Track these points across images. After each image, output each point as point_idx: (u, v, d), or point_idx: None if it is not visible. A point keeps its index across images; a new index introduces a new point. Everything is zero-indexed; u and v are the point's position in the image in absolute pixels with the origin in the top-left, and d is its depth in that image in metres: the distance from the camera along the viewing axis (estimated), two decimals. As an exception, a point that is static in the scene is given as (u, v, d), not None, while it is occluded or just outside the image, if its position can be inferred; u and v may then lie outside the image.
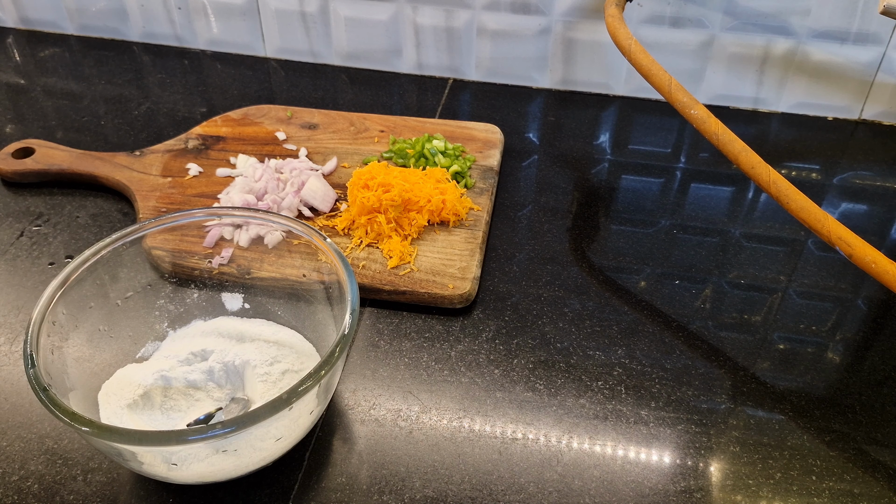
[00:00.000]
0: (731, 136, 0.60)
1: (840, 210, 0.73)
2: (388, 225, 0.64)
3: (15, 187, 0.74)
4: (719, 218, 0.71)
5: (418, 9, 0.87)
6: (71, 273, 0.49)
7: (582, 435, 0.52)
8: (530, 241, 0.68)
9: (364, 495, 0.48)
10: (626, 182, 0.77)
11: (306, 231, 0.53)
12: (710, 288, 0.64)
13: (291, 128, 0.80)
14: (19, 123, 0.84)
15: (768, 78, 0.84)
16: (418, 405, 0.54)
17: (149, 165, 0.74)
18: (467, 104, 0.89)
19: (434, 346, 0.58)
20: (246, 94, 0.90)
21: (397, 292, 0.61)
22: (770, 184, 0.58)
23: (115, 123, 0.85)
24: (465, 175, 0.72)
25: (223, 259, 0.59)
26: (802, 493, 0.49)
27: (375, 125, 0.80)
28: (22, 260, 0.66)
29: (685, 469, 0.50)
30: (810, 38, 0.81)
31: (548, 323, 0.60)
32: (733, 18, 0.81)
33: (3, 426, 0.52)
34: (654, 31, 0.83)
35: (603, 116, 0.86)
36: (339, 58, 0.95)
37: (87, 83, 0.92)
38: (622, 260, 0.66)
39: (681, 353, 0.58)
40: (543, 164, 0.79)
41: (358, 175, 0.67)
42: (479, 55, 0.90)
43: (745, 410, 0.54)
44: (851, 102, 0.84)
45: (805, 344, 0.59)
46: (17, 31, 1.02)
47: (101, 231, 0.69)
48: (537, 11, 0.85)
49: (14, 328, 0.60)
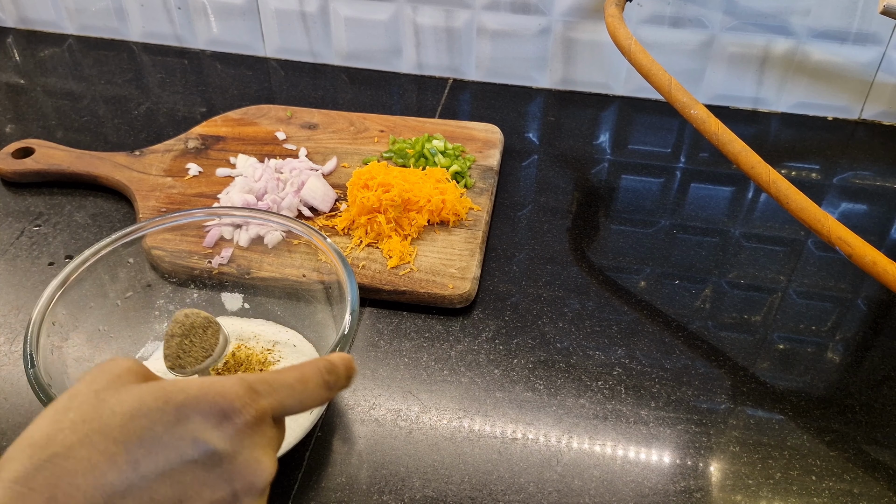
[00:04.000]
0: (731, 136, 0.60)
1: (840, 210, 0.73)
2: (387, 225, 0.64)
3: (15, 187, 0.74)
4: (719, 218, 0.71)
5: (418, 9, 0.87)
6: (71, 273, 0.49)
7: (582, 435, 0.52)
8: (530, 241, 0.68)
9: (364, 495, 0.48)
10: (625, 182, 0.77)
11: (306, 231, 0.53)
12: (710, 288, 0.64)
13: (291, 128, 0.80)
14: (19, 123, 0.84)
15: (768, 78, 0.84)
16: (418, 405, 0.54)
17: (149, 165, 0.74)
18: (467, 104, 0.89)
19: (434, 346, 0.58)
20: (246, 94, 0.90)
21: (397, 292, 0.61)
22: (770, 184, 0.58)
23: (115, 123, 0.85)
24: (464, 175, 0.72)
25: (223, 259, 0.59)
26: (802, 493, 0.49)
27: (375, 125, 0.80)
28: (22, 260, 0.66)
29: (685, 469, 0.50)
30: (810, 38, 0.81)
31: (548, 323, 0.60)
32: (733, 18, 0.81)
33: (3, 426, 0.52)
34: (654, 31, 0.83)
35: (603, 116, 0.86)
36: (339, 58, 0.95)
37: (86, 83, 0.92)
38: (622, 260, 0.66)
39: (681, 353, 0.58)
40: (543, 164, 0.79)
41: (358, 175, 0.67)
42: (479, 55, 0.90)
43: (744, 410, 0.54)
44: (851, 102, 0.84)
45: (805, 344, 0.59)
46: (16, 31, 1.02)
47: (101, 231, 0.69)
48: (537, 11, 0.85)
49: (14, 328, 0.60)
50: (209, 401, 0.31)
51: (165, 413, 0.30)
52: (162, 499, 0.29)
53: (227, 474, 0.31)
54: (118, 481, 0.29)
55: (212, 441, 0.30)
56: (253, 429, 0.32)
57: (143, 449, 0.29)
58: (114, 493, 0.28)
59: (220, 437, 0.31)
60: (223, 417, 0.31)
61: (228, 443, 0.31)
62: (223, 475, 0.31)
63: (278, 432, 0.34)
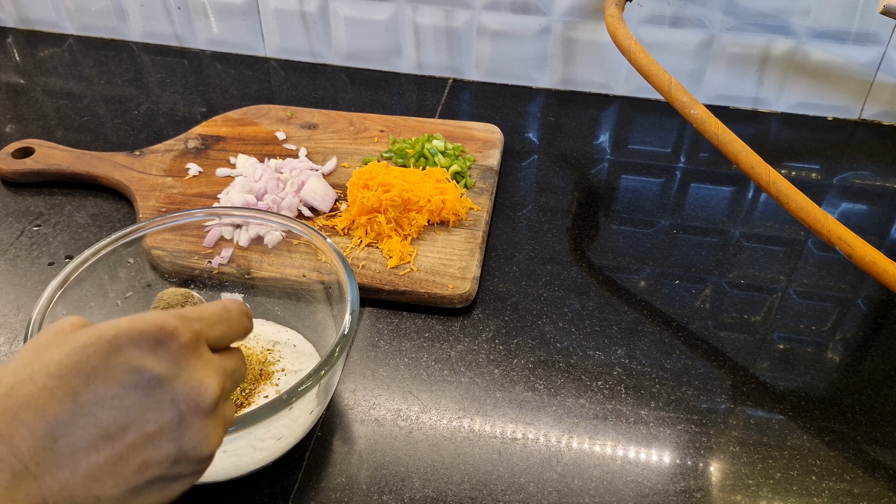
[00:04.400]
0: (731, 136, 0.60)
1: (840, 210, 0.73)
2: (387, 225, 0.64)
3: (15, 187, 0.74)
4: (719, 218, 0.71)
5: (418, 9, 0.87)
6: (71, 273, 0.49)
7: (582, 435, 0.52)
8: (530, 241, 0.68)
9: (364, 495, 0.48)
10: (626, 182, 0.77)
11: (306, 231, 0.53)
12: (710, 288, 0.64)
13: (291, 128, 0.80)
14: (19, 123, 0.84)
15: (768, 78, 0.84)
16: (418, 405, 0.54)
17: (149, 165, 0.74)
18: (467, 104, 0.89)
19: (434, 346, 0.58)
20: (246, 94, 0.90)
21: (397, 292, 0.61)
22: (770, 184, 0.58)
23: (115, 123, 0.85)
24: (464, 175, 0.72)
25: (223, 259, 0.59)
26: (802, 493, 0.49)
27: (375, 125, 0.80)
28: (22, 260, 0.66)
29: (685, 469, 0.50)
30: (810, 38, 0.81)
31: (548, 323, 0.60)
32: (733, 18, 0.81)
33: (3, 426, 0.52)
34: (654, 31, 0.83)
35: (603, 116, 0.87)
36: (339, 58, 0.95)
37: (86, 83, 0.92)
38: (622, 260, 0.66)
39: (681, 353, 0.58)
40: (543, 164, 0.79)
41: (358, 175, 0.67)
42: (479, 55, 0.90)
43: (744, 410, 0.54)
44: (851, 102, 0.84)
45: (805, 344, 0.59)
46: (16, 31, 1.02)
47: (101, 231, 0.69)
48: (537, 11, 0.85)
49: (14, 328, 0.60)
50: (140, 330, 0.32)
51: (99, 347, 0.31)
52: (106, 425, 0.31)
53: (169, 396, 0.32)
54: (60, 412, 0.30)
55: (148, 366, 0.32)
56: (190, 351, 0.33)
57: (80, 380, 0.31)
58: (57, 423, 0.30)
59: (156, 360, 0.32)
60: (157, 343, 0.32)
61: (165, 366, 0.32)
62: (165, 398, 0.32)
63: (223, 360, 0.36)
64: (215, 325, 0.35)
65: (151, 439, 0.31)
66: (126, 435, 0.31)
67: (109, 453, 0.31)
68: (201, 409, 0.33)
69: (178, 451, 0.32)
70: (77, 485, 0.30)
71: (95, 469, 0.30)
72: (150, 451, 0.31)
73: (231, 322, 0.37)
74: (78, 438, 0.30)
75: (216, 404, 0.33)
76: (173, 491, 0.33)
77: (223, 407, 0.35)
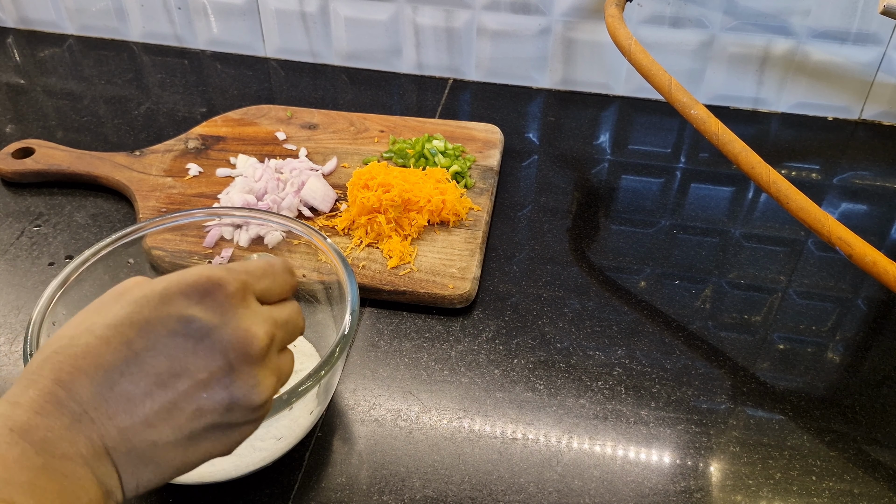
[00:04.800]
0: (731, 136, 0.60)
1: (840, 210, 0.73)
2: (388, 225, 0.64)
3: (15, 187, 0.74)
4: (719, 218, 0.71)
5: (418, 9, 0.87)
6: (71, 273, 0.49)
7: (582, 435, 0.52)
8: (530, 241, 0.68)
9: (364, 495, 0.48)
10: (626, 182, 0.77)
11: (306, 231, 0.53)
12: (710, 288, 0.64)
13: (291, 128, 0.80)
14: (19, 123, 0.84)
15: (768, 78, 0.84)
16: (418, 405, 0.54)
17: (149, 165, 0.74)
18: (467, 104, 0.89)
19: (434, 346, 0.58)
20: (246, 94, 0.90)
21: (397, 292, 0.61)
22: (770, 184, 0.58)
23: (115, 123, 0.85)
24: (465, 175, 0.72)
25: (223, 259, 0.59)
26: (802, 493, 0.49)
27: (375, 125, 0.80)
28: (22, 260, 0.66)
29: (685, 469, 0.50)
30: (810, 38, 0.81)
31: (548, 323, 0.60)
32: (733, 18, 0.81)
33: (3, 426, 0.52)
34: (654, 31, 0.83)
35: (603, 116, 0.87)
36: (339, 58, 0.95)
37: (86, 83, 0.92)
38: (622, 260, 0.66)
39: (681, 353, 0.58)
40: (543, 164, 0.79)
41: (358, 175, 0.67)
42: (479, 55, 0.90)
43: (745, 410, 0.54)
44: (851, 102, 0.84)
45: (805, 344, 0.59)
46: (16, 31, 1.02)
47: (101, 231, 0.69)
48: (537, 11, 0.85)
49: (14, 328, 0.60)
50: (188, 282, 0.34)
51: (150, 299, 0.33)
52: (158, 372, 0.32)
53: (218, 345, 0.33)
54: (115, 359, 0.32)
55: (196, 315, 0.33)
56: (237, 301, 0.34)
57: (133, 330, 0.32)
58: (112, 370, 0.32)
59: (204, 310, 0.33)
60: (205, 294, 0.33)
61: (213, 315, 0.33)
62: (214, 346, 0.33)
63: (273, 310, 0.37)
64: (261, 279, 0.37)
65: (203, 386, 0.33)
66: (178, 382, 0.32)
67: (164, 400, 0.32)
68: (249, 356, 0.34)
69: (230, 398, 0.33)
70: (134, 430, 0.31)
71: (151, 415, 0.32)
72: (202, 397, 0.33)
73: (276, 276, 0.38)
74: (133, 385, 0.32)
75: (264, 352, 0.34)
76: (231, 439, 0.34)
77: (275, 357, 0.36)
